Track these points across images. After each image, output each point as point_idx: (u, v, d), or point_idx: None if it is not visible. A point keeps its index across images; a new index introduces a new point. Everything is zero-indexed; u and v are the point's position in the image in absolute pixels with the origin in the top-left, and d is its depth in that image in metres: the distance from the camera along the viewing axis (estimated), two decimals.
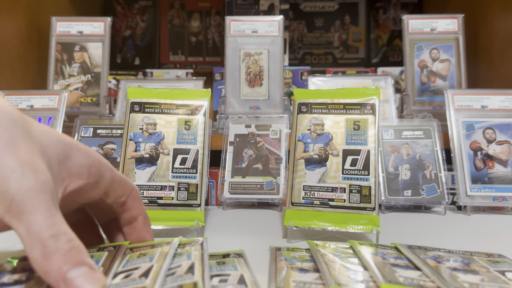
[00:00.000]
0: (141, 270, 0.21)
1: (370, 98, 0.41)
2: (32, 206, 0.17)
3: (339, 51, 1.10)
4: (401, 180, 0.53)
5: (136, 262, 0.22)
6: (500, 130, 0.54)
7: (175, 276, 0.21)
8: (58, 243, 0.17)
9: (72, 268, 0.17)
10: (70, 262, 0.17)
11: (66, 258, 0.17)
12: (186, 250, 0.24)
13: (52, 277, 0.17)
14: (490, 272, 0.29)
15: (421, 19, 0.67)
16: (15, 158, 0.17)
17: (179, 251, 0.24)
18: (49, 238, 0.17)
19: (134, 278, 0.20)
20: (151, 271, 0.21)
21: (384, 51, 1.09)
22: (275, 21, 0.64)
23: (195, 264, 0.22)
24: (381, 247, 0.34)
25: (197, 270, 0.21)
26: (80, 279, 0.17)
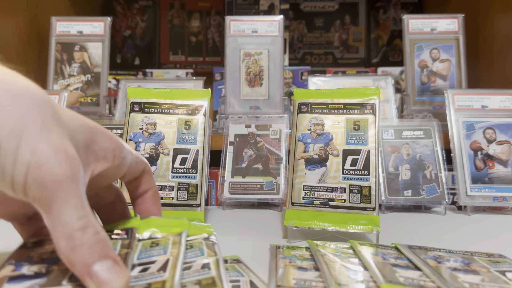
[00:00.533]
0: (158, 264, 0.21)
1: (370, 98, 0.41)
2: (64, 196, 0.17)
3: (339, 51, 1.10)
4: (401, 180, 0.53)
5: (150, 253, 0.22)
6: (500, 130, 0.54)
7: (191, 271, 0.21)
8: (86, 236, 0.17)
9: (97, 261, 0.17)
10: (96, 255, 0.17)
11: (92, 251, 0.17)
12: (198, 243, 0.25)
13: (78, 269, 0.17)
14: (491, 272, 0.29)
15: (421, 19, 0.67)
16: (49, 144, 0.17)
17: (191, 240, 0.24)
18: (77, 231, 0.17)
19: (152, 272, 0.20)
20: (168, 264, 0.21)
21: (384, 51, 1.09)
22: (275, 21, 0.64)
23: (210, 261, 0.23)
24: (381, 247, 0.34)
25: (212, 265, 0.22)
26: (104, 272, 0.17)
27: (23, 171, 0.17)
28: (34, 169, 0.17)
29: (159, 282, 0.19)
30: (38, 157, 0.17)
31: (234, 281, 0.26)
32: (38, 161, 0.17)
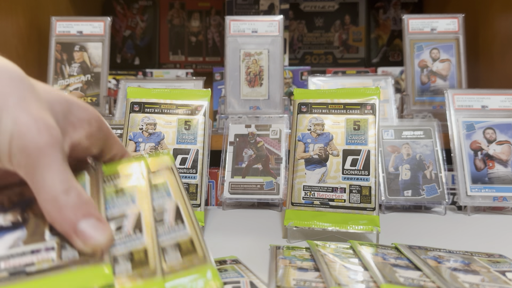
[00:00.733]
0: (130, 220, 0.22)
1: (370, 98, 0.41)
2: (47, 162, 0.18)
3: (339, 51, 1.10)
4: (401, 180, 0.53)
5: (118, 203, 0.23)
6: (500, 130, 0.54)
7: (166, 227, 0.22)
8: (69, 198, 0.18)
9: (82, 220, 0.19)
10: (80, 214, 0.19)
11: (76, 211, 0.19)
12: (162, 183, 0.25)
13: (64, 228, 0.19)
14: (491, 272, 0.29)
15: (421, 19, 0.67)
16: (30, 114, 0.18)
17: (156, 181, 0.25)
18: (61, 193, 0.18)
19: (129, 233, 0.21)
20: (142, 222, 0.22)
21: (384, 51, 1.09)
22: (275, 21, 0.64)
23: (180, 206, 0.23)
24: (382, 247, 0.34)
25: (185, 217, 0.22)
26: (89, 229, 0.19)
27: (7, 140, 0.18)
28: (17, 138, 0.18)
29: (141, 250, 0.20)
30: (20, 127, 0.18)
31: (234, 282, 0.26)
32: (20, 130, 0.18)
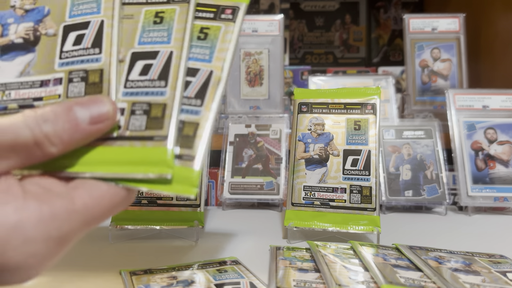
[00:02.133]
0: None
1: (371, 97, 0.41)
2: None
3: (339, 50, 1.10)
4: (402, 180, 0.53)
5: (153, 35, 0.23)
6: (501, 130, 0.54)
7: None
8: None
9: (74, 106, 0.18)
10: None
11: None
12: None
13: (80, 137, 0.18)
14: (492, 272, 0.29)
15: (422, 18, 0.67)
16: None
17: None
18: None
19: (152, 79, 0.22)
20: (171, 68, 0.22)
21: (384, 50, 1.09)
22: (275, 20, 0.64)
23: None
24: (382, 247, 0.34)
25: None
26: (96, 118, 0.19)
27: None
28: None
29: (160, 104, 0.21)
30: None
31: (234, 283, 0.26)
32: None
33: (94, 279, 0.29)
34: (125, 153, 0.20)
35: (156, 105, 0.21)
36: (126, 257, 0.34)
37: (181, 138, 0.21)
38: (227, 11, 0.24)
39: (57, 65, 0.22)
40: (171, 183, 0.19)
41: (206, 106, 0.22)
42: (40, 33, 0.23)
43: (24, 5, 0.24)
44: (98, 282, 0.29)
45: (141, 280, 0.27)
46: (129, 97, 0.21)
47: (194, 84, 0.22)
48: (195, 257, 0.34)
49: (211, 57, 0.23)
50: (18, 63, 0.23)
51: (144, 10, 0.24)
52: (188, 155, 0.20)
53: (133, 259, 0.34)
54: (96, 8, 0.24)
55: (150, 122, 0.21)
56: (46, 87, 0.22)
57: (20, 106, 0.22)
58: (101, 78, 0.21)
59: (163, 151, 0.20)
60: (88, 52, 0.22)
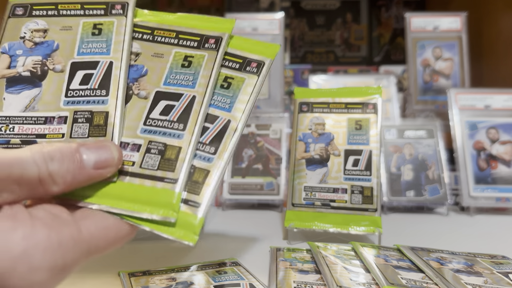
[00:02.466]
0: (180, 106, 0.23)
1: (372, 97, 0.40)
2: None
3: (340, 49, 1.10)
4: (404, 180, 0.52)
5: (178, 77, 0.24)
6: (503, 130, 0.53)
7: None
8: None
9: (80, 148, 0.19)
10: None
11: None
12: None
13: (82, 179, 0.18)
14: (494, 273, 0.29)
15: (423, 17, 0.66)
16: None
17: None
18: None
19: (173, 120, 0.23)
20: (191, 112, 0.22)
21: (386, 49, 1.09)
22: (276, 19, 0.64)
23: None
24: (384, 248, 0.34)
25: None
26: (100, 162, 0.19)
27: None
28: None
29: (175, 147, 0.21)
30: None
31: (233, 284, 0.25)
32: None
33: (92, 280, 0.29)
34: (134, 190, 0.20)
35: (171, 147, 0.21)
36: (125, 258, 0.34)
37: (190, 182, 0.21)
38: (253, 64, 0.25)
39: (63, 103, 0.22)
40: (174, 227, 0.19)
41: (219, 155, 0.22)
42: (47, 67, 0.23)
43: (34, 37, 0.24)
44: (96, 284, 0.28)
45: (139, 282, 0.27)
46: (147, 134, 0.22)
47: (211, 131, 0.22)
48: (194, 258, 0.33)
49: (231, 106, 0.23)
50: (24, 97, 0.22)
51: (174, 51, 0.24)
52: (194, 202, 0.20)
53: (131, 260, 0.33)
54: (105, 48, 0.24)
55: (163, 163, 0.21)
56: (50, 125, 0.22)
57: (22, 141, 0.21)
58: (106, 121, 0.21)
59: (171, 195, 0.20)
60: (95, 93, 0.22)
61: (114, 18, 0.24)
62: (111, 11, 0.25)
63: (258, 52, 0.25)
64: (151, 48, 0.25)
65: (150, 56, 0.24)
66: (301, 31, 1.10)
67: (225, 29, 0.25)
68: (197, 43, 0.25)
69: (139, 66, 0.24)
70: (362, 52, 1.09)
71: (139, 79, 0.24)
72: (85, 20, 0.24)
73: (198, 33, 0.25)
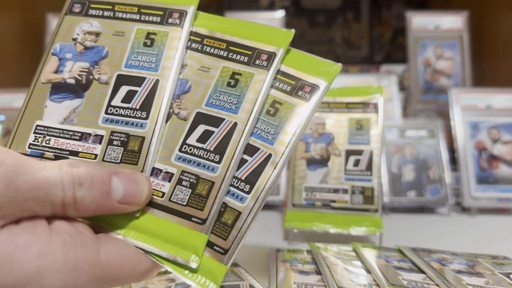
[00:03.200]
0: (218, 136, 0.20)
1: (373, 96, 0.40)
2: None
3: (341, 48, 1.09)
4: (405, 180, 0.52)
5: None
6: (505, 130, 0.53)
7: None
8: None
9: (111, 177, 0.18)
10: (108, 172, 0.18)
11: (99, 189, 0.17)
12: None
13: (105, 209, 0.17)
14: (495, 274, 0.28)
15: (424, 16, 0.66)
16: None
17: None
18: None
19: (209, 149, 0.20)
20: (228, 145, 0.20)
21: (387, 48, 1.08)
22: (276, 18, 0.63)
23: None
24: (385, 249, 0.33)
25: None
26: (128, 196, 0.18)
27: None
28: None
29: (208, 182, 0.19)
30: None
31: (233, 286, 0.25)
32: None
33: None
34: (161, 226, 0.19)
35: (204, 181, 0.19)
36: None
37: (218, 223, 0.19)
38: (306, 88, 0.21)
39: (101, 120, 0.21)
40: (195, 272, 0.18)
41: (253, 195, 0.19)
42: (93, 77, 0.21)
43: (86, 40, 0.22)
44: None
45: (139, 283, 0.27)
46: (181, 163, 0.20)
47: (248, 165, 0.20)
48: None
49: (274, 138, 0.20)
50: (65, 107, 0.21)
51: (222, 65, 0.21)
52: (220, 247, 0.19)
53: None
54: (155, 64, 0.21)
55: (193, 198, 0.19)
56: (85, 142, 0.20)
57: (56, 157, 0.20)
58: (141, 148, 0.20)
59: (197, 237, 0.18)
60: (135, 114, 0.20)
61: (169, 29, 0.22)
62: (167, 20, 0.22)
63: (315, 73, 0.22)
64: (199, 60, 0.22)
65: (196, 70, 0.22)
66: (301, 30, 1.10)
67: (281, 43, 0.22)
68: (247, 58, 0.22)
69: (183, 81, 0.21)
70: (363, 52, 1.09)
71: (182, 95, 0.21)
72: (139, 27, 0.22)
73: (251, 46, 0.22)
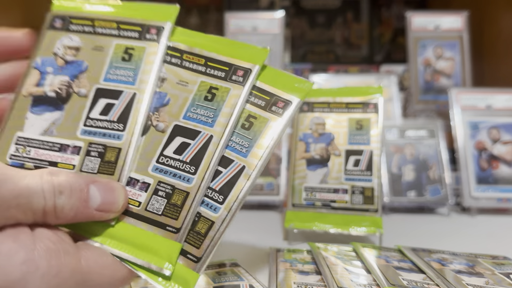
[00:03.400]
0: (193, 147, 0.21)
1: (373, 96, 0.40)
2: None
3: (341, 48, 1.09)
4: (405, 181, 0.52)
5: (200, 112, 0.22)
6: (505, 130, 0.53)
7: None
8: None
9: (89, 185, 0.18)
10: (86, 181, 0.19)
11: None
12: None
13: (83, 216, 0.18)
14: (495, 274, 0.28)
15: (424, 16, 0.66)
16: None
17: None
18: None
19: (186, 160, 0.20)
20: (204, 155, 0.20)
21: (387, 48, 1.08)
22: (276, 18, 0.63)
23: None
24: (385, 249, 0.33)
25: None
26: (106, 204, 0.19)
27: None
28: None
29: (183, 192, 0.20)
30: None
31: (233, 285, 0.25)
32: None
33: None
34: (136, 234, 0.19)
35: (179, 191, 0.20)
36: None
37: (192, 232, 0.20)
38: (280, 104, 0.22)
39: (80, 132, 0.21)
40: (168, 279, 0.19)
41: (226, 205, 0.20)
42: (72, 90, 0.22)
43: (66, 55, 0.23)
44: None
45: (139, 282, 0.27)
46: (158, 173, 0.20)
47: (223, 177, 0.21)
48: None
49: (248, 151, 0.21)
50: (45, 119, 0.22)
51: (200, 80, 0.22)
52: (193, 256, 0.19)
53: None
54: (132, 77, 0.22)
55: (168, 208, 0.20)
56: (64, 153, 0.21)
57: (36, 167, 0.21)
58: (117, 158, 0.20)
59: (170, 246, 0.19)
60: (112, 126, 0.21)
61: (146, 44, 0.23)
62: (145, 35, 0.23)
63: (288, 89, 0.22)
64: (178, 75, 0.22)
65: (175, 84, 0.22)
66: (301, 30, 1.10)
67: (257, 60, 0.22)
68: (224, 74, 0.22)
69: (162, 94, 0.22)
70: (363, 52, 1.09)
71: (160, 108, 0.22)
72: (118, 42, 0.23)
73: (228, 62, 0.22)
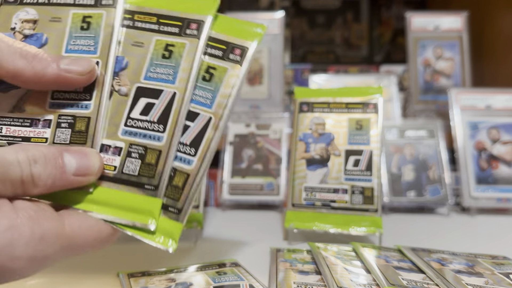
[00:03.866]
0: (160, 107, 0.21)
1: (373, 97, 0.40)
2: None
3: (341, 49, 1.09)
4: (404, 181, 0.52)
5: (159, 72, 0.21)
6: (505, 130, 0.53)
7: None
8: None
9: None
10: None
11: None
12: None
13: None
14: (495, 274, 0.28)
15: (424, 16, 0.66)
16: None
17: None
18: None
19: (152, 120, 0.21)
20: (171, 113, 0.20)
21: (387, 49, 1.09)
22: (276, 18, 0.64)
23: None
24: (384, 249, 0.33)
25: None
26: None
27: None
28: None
29: (155, 150, 0.20)
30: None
31: (233, 285, 0.25)
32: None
33: (91, 281, 0.29)
34: (117, 197, 0.20)
35: (151, 150, 0.20)
36: (124, 258, 0.34)
37: (170, 187, 0.20)
38: (236, 51, 0.21)
39: (48, 105, 0.21)
40: (154, 234, 0.19)
41: (199, 157, 0.21)
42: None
43: (24, 29, 0.22)
44: (95, 284, 0.28)
45: (139, 282, 0.27)
46: (128, 136, 0.21)
47: (191, 130, 0.21)
48: (194, 259, 0.33)
49: (212, 102, 0.21)
50: (12, 96, 0.21)
51: (155, 39, 0.22)
52: (174, 207, 0.20)
53: (131, 261, 0.33)
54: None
55: (144, 168, 0.20)
56: (36, 128, 0.20)
57: (9, 144, 0.21)
58: (87, 127, 0.20)
59: (151, 202, 0.20)
60: (79, 96, 0.21)
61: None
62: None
63: (243, 36, 0.22)
64: (132, 36, 0.22)
65: (130, 46, 0.21)
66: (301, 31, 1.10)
67: (208, 10, 0.22)
68: (178, 29, 0.21)
69: (119, 58, 0.21)
70: (363, 52, 1.09)
71: (120, 73, 0.21)
72: (74, 11, 0.22)
73: (180, 17, 0.22)
